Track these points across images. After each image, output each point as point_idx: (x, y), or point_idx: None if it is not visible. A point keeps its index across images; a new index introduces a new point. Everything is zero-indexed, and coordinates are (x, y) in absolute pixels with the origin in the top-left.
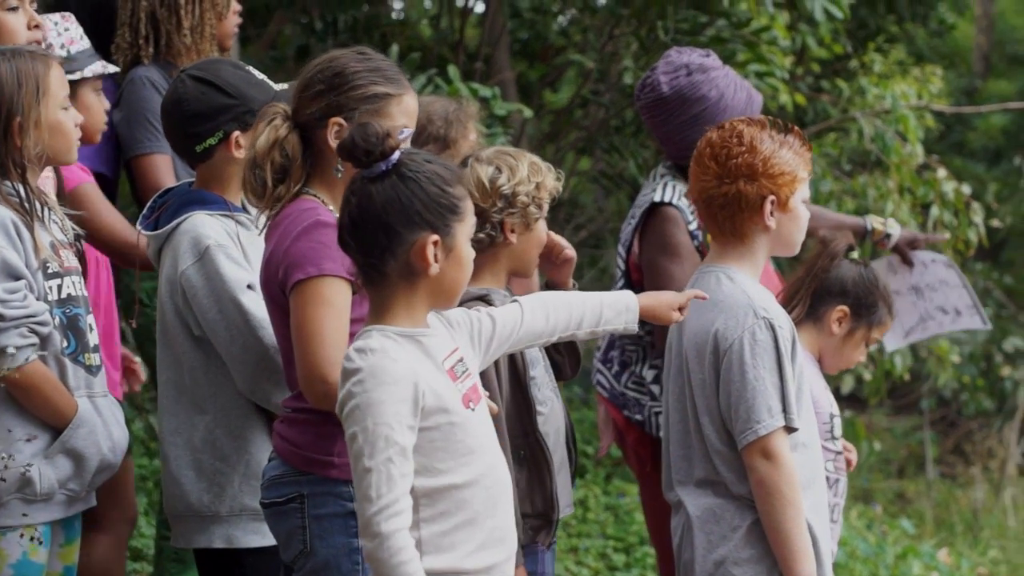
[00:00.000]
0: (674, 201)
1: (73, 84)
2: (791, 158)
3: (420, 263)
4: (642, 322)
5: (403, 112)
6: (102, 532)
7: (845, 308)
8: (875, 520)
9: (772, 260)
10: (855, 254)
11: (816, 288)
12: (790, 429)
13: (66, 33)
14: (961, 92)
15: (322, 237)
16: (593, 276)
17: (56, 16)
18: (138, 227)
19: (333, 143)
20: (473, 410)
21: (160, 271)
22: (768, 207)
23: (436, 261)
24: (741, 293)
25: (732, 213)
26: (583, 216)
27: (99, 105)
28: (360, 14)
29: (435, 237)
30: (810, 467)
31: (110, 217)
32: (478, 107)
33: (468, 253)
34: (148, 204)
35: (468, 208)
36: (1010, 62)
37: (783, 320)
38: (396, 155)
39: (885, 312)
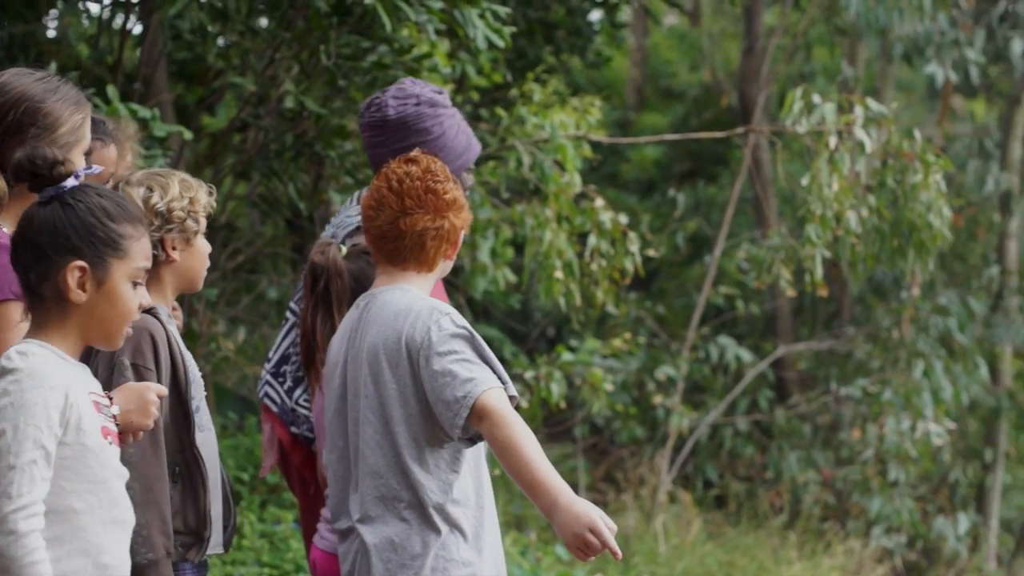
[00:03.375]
0: None
1: None
2: None
3: (64, 288)
4: None
5: (89, 131)
6: None
7: None
8: (529, 547)
9: None
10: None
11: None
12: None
13: None
14: (615, 124)
15: (3, 259)
16: (249, 303)
17: None
18: None
19: None
20: (110, 443)
21: None
22: (460, 238)
23: (83, 290)
24: (422, 299)
25: (439, 244)
26: (240, 240)
27: None
28: (16, 31)
29: (81, 264)
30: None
31: None
32: (136, 128)
33: (125, 294)
34: None
35: (133, 249)
36: (663, 96)
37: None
38: (70, 183)
39: None
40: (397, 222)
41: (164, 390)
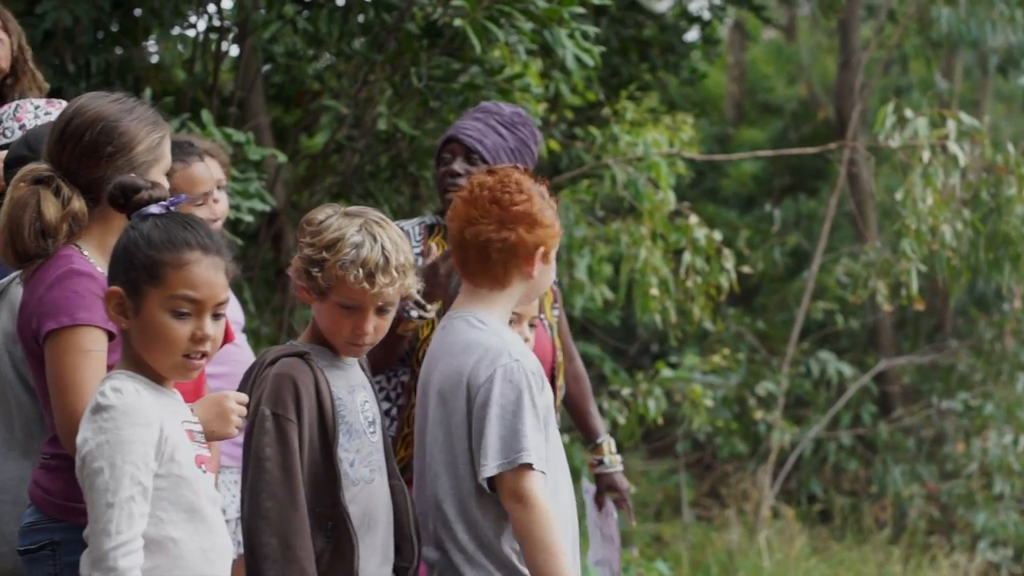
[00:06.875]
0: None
1: None
2: (551, 211)
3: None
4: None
5: (168, 151)
6: None
7: None
8: (632, 563)
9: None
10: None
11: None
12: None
13: None
14: (714, 140)
15: (76, 286)
16: None
17: None
18: None
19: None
20: (204, 472)
21: None
22: (539, 256)
23: (125, 316)
24: (495, 336)
25: (507, 258)
26: None
27: None
28: (113, 57)
29: (117, 290)
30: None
31: None
32: (230, 152)
33: (161, 322)
34: None
35: (171, 278)
36: (761, 110)
37: (534, 368)
38: (153, 209)
39: None
40: (463, 231)
41: (245, 397)
